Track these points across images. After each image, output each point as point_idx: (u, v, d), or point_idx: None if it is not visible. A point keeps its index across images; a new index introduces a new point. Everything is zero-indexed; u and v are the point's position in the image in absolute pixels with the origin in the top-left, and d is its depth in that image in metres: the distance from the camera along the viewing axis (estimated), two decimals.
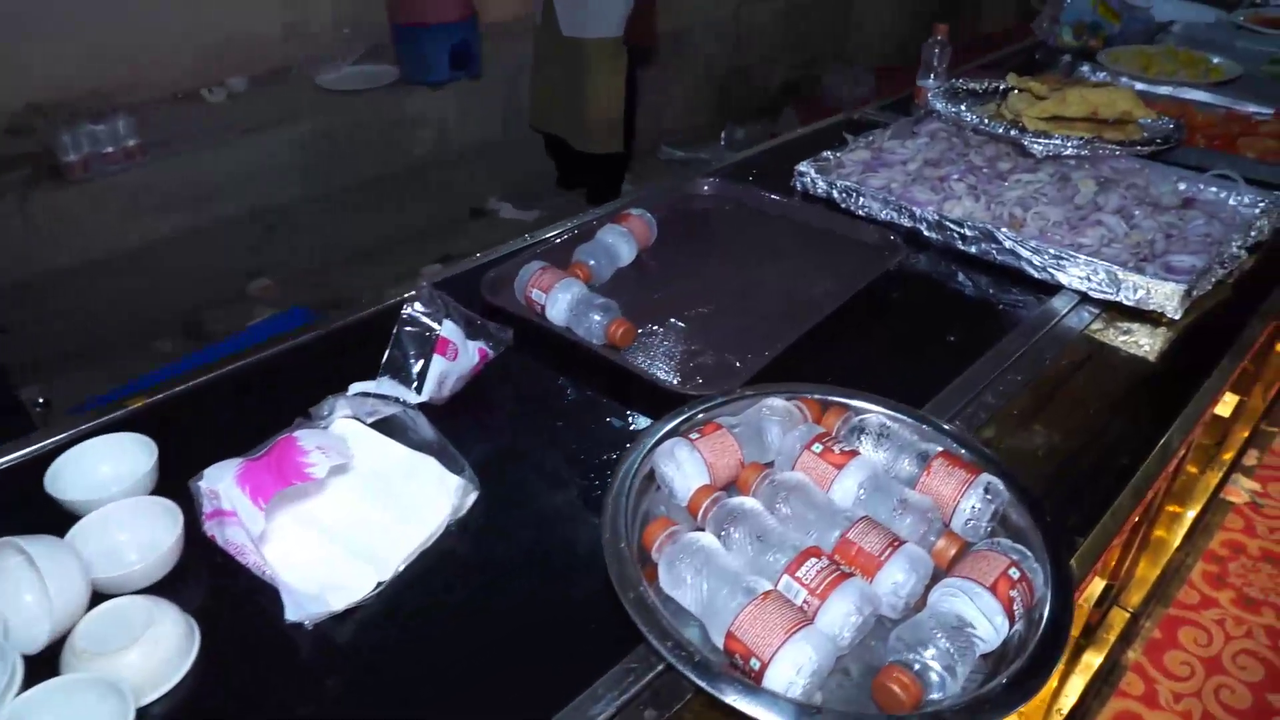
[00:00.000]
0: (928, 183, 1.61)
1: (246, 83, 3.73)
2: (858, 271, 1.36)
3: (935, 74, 2.01)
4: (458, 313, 1.06)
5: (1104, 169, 1.68)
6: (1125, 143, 1.64)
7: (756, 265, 1.42)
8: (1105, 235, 1.43)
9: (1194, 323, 1.32)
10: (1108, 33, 2.52)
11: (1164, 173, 1.65)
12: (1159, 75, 2.17)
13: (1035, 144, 1.64)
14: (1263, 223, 1.46)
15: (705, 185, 1.64)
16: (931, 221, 1.47)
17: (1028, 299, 1.37)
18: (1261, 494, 2.62)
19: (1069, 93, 1.73)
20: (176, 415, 1.09)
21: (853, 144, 1.76)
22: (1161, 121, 1.77)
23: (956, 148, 1.76)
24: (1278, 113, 2.00)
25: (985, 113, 1.89)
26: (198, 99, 3.54)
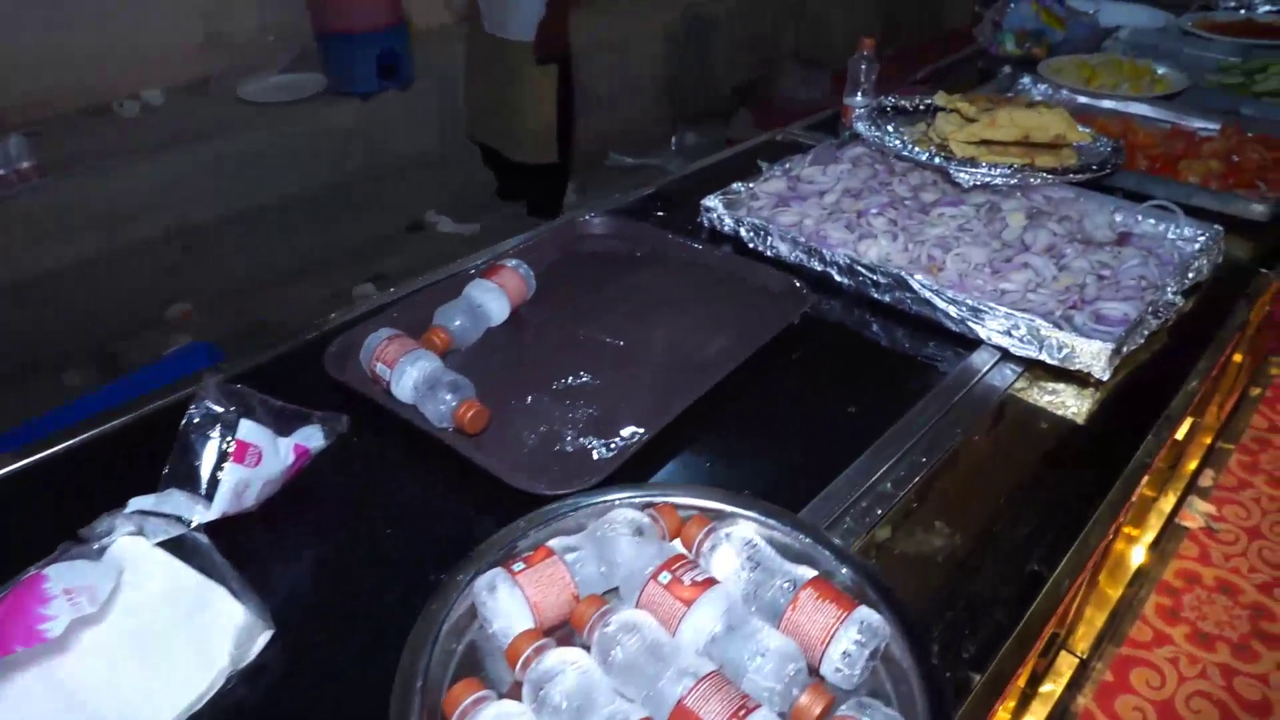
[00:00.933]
0: (845, 218, 1.47)
1: (163, 95, 3.54)
2: (758, 326, 1.22)
3: (863, 91, 1.87)
4: (264, 408, 0.91)
5: (1037, 199, 1.55)
6: (1058, 170, 1.51)
7: (646, 320, 1.27)
8: (1032, 279, 1.30)
9: (1126, 381, 1.19)
10: (1051, 40, 2.40)
11: (1100, 203, 1.52)
12: (1101, 88, 2.05)
13: (961, 173, 1.50)
14: (1201, 262, 1.34)
15: (598, 224, 1.49)
16: (843, 265, 1.33)
17: (947, 354, 1.24)
18: (1217, 517, 2.52)
19: (999, 115, 1.60)
20: None
21: (768, 172, 1.62)
22: (1098, 144, 1.64)
23: (880, 176, 1.62)
24: (1224, 129, 1.88)
25: (914, 134, 1.76)
26: (108, 113, 3.35)
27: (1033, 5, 2.39)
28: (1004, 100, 1.74)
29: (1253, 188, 1.61)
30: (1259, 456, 2.74)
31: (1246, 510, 2.55)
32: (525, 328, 1.25)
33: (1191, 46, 2.46)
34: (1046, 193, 1.56)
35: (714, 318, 1.28)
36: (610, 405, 1.09)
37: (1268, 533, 2.47)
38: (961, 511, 0.97)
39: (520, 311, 1.27)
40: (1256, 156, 1.71)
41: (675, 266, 1.40)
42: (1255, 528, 2.49)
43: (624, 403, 1.09)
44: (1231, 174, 1.65)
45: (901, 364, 1.22)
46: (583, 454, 0.99)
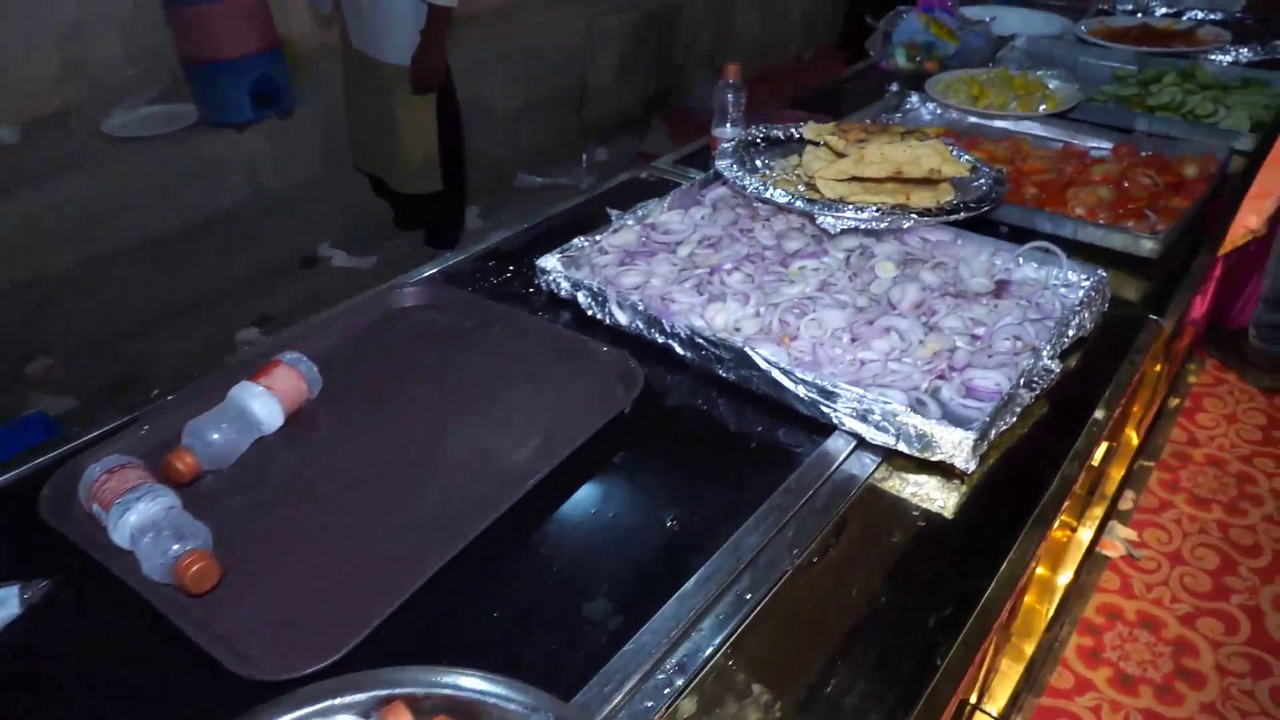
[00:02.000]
0: (696, 276, 1.31)
1: (18, 132, 3.27)
2: (582, 419, 1.05)
3: (732, 120, 1.72)
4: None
5: (912, 242, 1.40)
6: (933, 210, 1.37)
7: (452, 418, 1.09)
8: (896, 346, 1.14)
9: (999, 466, 1.04)
10: (942, 54, 2.27)
11: (978, 245, 1.38)
12: (989, 107, 1.92)
13: (825, 217, 1.35)
14: (1083, 316, 1.20)
15: (414, 295, 1.30)
16: (684, 338, 1.17)
17: (801, 441, 1.07)
18: (1138, 543, 2.42)
19: (868, 149, 1.45)
20: None
21: (617, 221, 1.45)
22: (979, 176, 1.50)
23: (742, 221, 1.46)
24: (1116, 148, 1.77)
25: (786, 169, 1.60)
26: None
27: (921, 17, 2.26)
28: (879, 129, 1.59)
29: (1142, 218, 1.48)
30: (1179, 474, 2.65)
31: (1168, 533, 2.46)
32: (302, 437, 1.06)
33: (1088, 55, 2.36)
34: (924, 234, 1.42)
35: (531, 411, 1.10)
36: (383, 545, 0.90)
37: (1189, 557, 2.38)
38: (786, 668, 0.80)
39: (303, 413, 1.08)
40: (1148, 182, 1.58)
41: (499, 345, 1.22)
42: (1176, 552, 2.39)
43: (401, 541, 0.91)
44: (1122, 203, 1.53)
45: (746, 459, 1.06)
46: (333, 619, 0.80)
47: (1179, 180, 1.61)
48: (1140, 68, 2.26)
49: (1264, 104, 1.95)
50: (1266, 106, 1.94)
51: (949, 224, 1.38)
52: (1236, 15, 2.65)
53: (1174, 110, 1.93)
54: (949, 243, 1.39)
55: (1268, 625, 2.16)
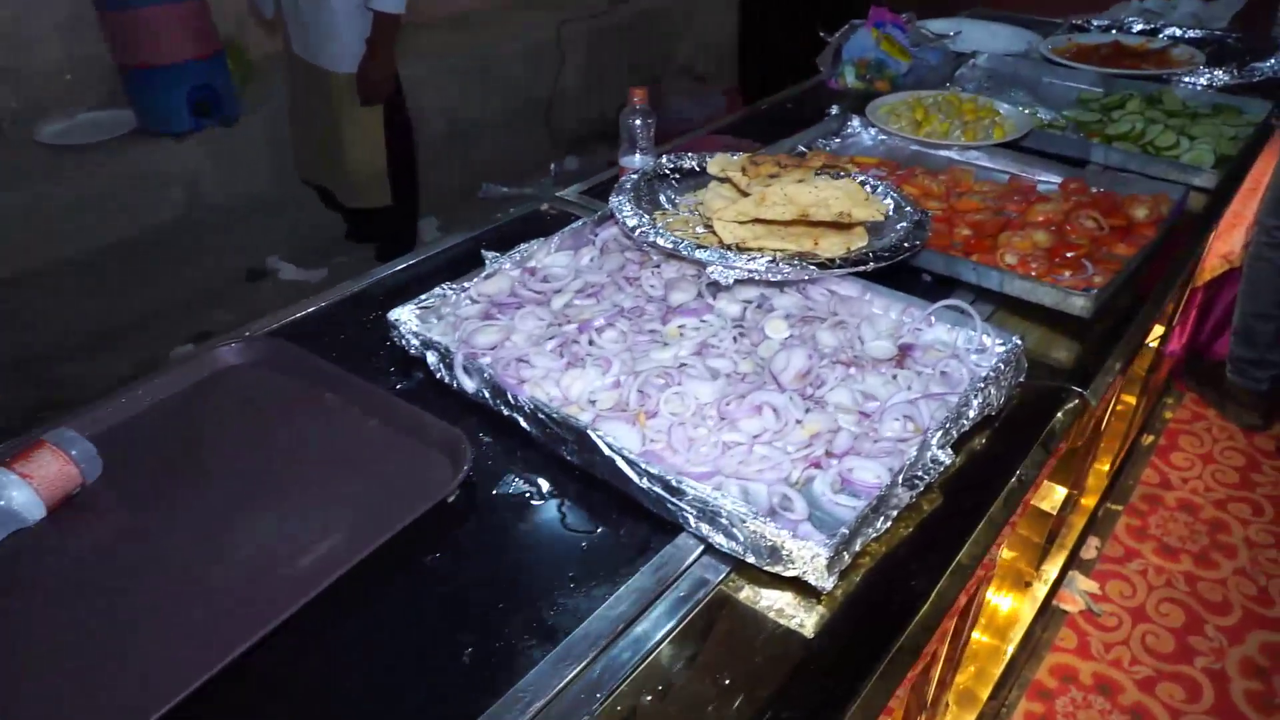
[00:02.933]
0: (564, 334, 1.16)
1: None
2: (396, 509, 0.91)
3: (641, 149, 1.57)
4: None
5: (817, 296, 1.26)
6: (838, 260, 1.22)
7: (244, 508, 0.95)
8: (769, 427, 1.00)
9: (870, 579, 0.89)
10: (894, 72, 2.12)
11: (887, 302, 1.23)
12: (930, 135, 1.77)
13: (714, 268, 1.20)
14: (989, 392, 1.05)
15: (243, 351, 1.16)
16: (528, 412, 1.02)
17: (650, 541, 0.93)
18: (1099, 597, 2.27)
19: (772, 189, 1.31)
20: None
21: (492, 265, 1.30)
22: (901, 219, 1.35)
23: (628, 268, 1.32)
24: (1064, 184, 1.62)
25: (692, 206, 1.46)
26: None
27: (872, 33, 2.11)
28: (794, 164, 1.44)
29: (1079, 269, 1.33)
30: (1148, 519, 2.50)
31: (1132, 586, 2.30)
32: (69, 529, 0.92)
33: (1052, 75, 2.21)
34: (831, 286, 1.27)
35: (343, 496, 0.96)
36: (132, 663, 0.76)
37: (1153, 613, 2.22)
38: None
39: (76, 500, 0.94)
40: (1091, 225, 1.43)
41: (325, 415, 1.08)
42: (1140, 608, 2.24)
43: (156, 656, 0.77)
44: (1059, 250, 1.38)
45: (581, 561, 0.91)
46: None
47: (1127, 223, 1.46)
48: (1106, 90, 2.10)
49: (1231, 135, 1.79)
50: (1234, 138, 1.79)
51: (856, 275, 1.23)
52: (1217, 33, 2.49)
53: (1133, 140, 1.78)
54: (856, 297, 1.24)
55: (1232, 693, 2.01)
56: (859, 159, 1.69)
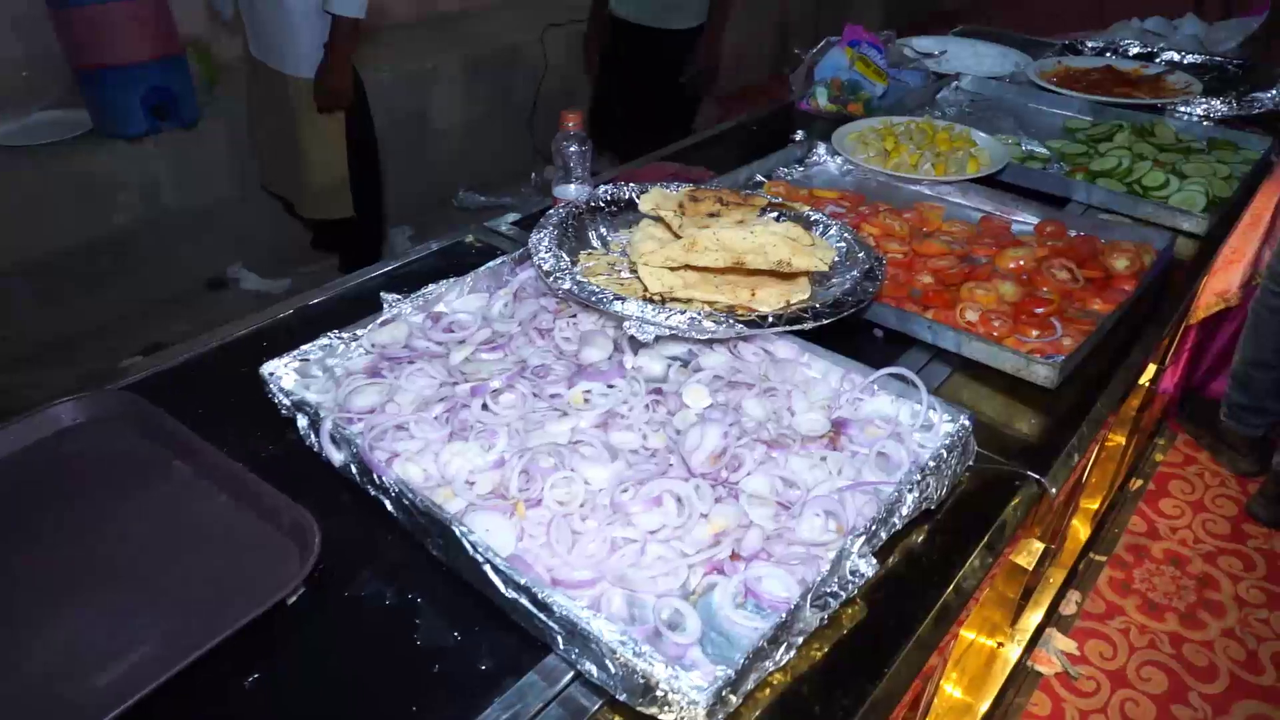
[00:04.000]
0: (455, 398, 1.03)
1: None
2: (224, 612, 0.77)
3: (576, 178, 1.43)
4: None
5: (749, 355, 1.12)
6: (770, 318, 1.08)
7: (43, 608, 0.81)
8: (669, 522, 0.86)
9: (771, 713, 0.76)
10: (870, 95, 1.98)
11: (827, 365, 1.09)
12: (898, 167, 1.63)
13: (631, 323, 1.06)
14: (930, 485, 0.91)
15: (91, 408, 1.02)
16: (393, 495, 0.88)
17: (516, 663, 0.79)
18: (1077, 658, 2.12)
19: (704, 234, 1.17)
20: None
21: (390, 309, 1.17)
22: (853, 265, 1.22)
23: (540, 318, 1.18)
24: (1040, 226, 1.48)
25: (621, 244, 1.33)
26: None
27: (846, 52, 1.98)
28: (739, 200, 1.31)
29: (1047, 328, 1.19)
30: (1133, 572, 2.36)
31: (1113, 647, 2.16)
32: None
33: (1038, 101, 2.07)
34: (766, 345, 1.13)
35: (171, 591, 0.83)
36: None
37: (1134, 678, 2.08)
38: None
39: None
40: (1065, 277, 1.29)
41: (166, 490, 0.94)
42: (1120, 671, 2.10)
43: None
44: (1028, 305, 1.24)
45: (426, 691, 0.77)
46: None
47: (1105, 275, 1.32)
48: (1095, 119, 1.97)
49: (1226, 174, 1.65)
50: (1229, 177, 1.65)
51: (794, 332, 1.10)
52: (1216, 59, 2.35)
53: (1119, 178, 1.64)
54: (791, 360, 1.11)
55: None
56: (819, 192, 1.55)
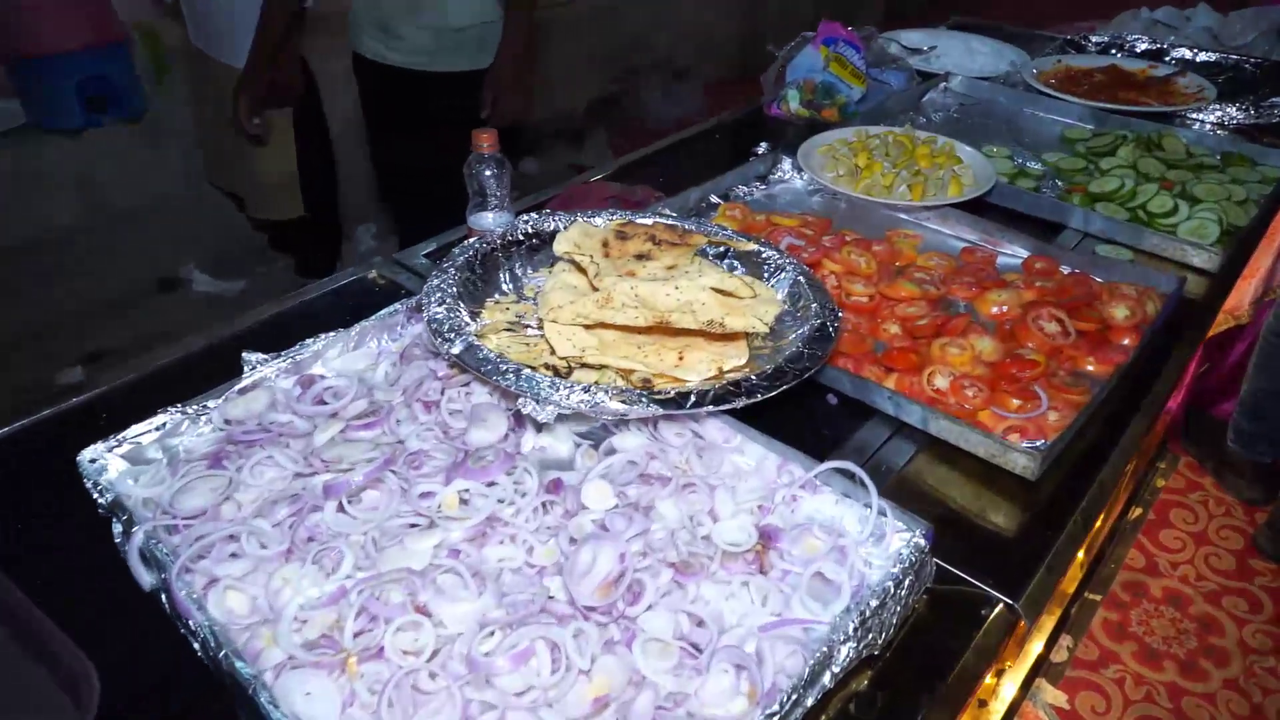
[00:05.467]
0: (306, 495, 0.85)
1: None
2: None
3: (494, 206, 1.24)
4: None
5: (671, 438, 0.94)
6: (693, 395, 0.89)
7: None
8: (540, 683, 0.68)
9: None
10: (847, 99, 1.78)
11: (762, 452, 0.91)
12: (873, 188, 1.44)
13: (524, 401, 0.88)
14: (874, 628, 0.73)
15: None
16: (203, 639, 0.71)
17: None
18: (1067, 713, 1.96)
19: (620, 286, 0.98)
20: None
21: (252, 372, 0.99)
22: (799, 323, 1.03)
23: (430, 384, 1.00)
24: (1029, 262, 1.29)
25: (537, 289, 1.14)
26: None
27: (821, 51, 1.78)
28: (674, 239, 1.12)
29: (1030, 399, 1.01)
30: (1130, 613, 2.18)
31: (1106, 700, 1.99)
32: None
33: (1035, 106, 1.87)
34: (694, 425, 0.95)
35: None
36: None
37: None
38: None
39: None
40: (1054, 330, 1.11)
41: None
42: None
43: None
44: (1007, 368, 1.05)
45: None
46: None
47: (1101, 326, 1.13)
48: (1097, 127, 1.77)
49: (1242, 197, 1.46)
50: (1245, 201, 1.46)
51: (727, 411, 0.91)
52: (1233, 58, 2.14)
53: (1121, 202, 1.44)
54: (720, 444, 0.92)
55: None
56: (778, 218, 1.36)
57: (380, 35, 2.16)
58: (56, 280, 2.99)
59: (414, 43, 2.13)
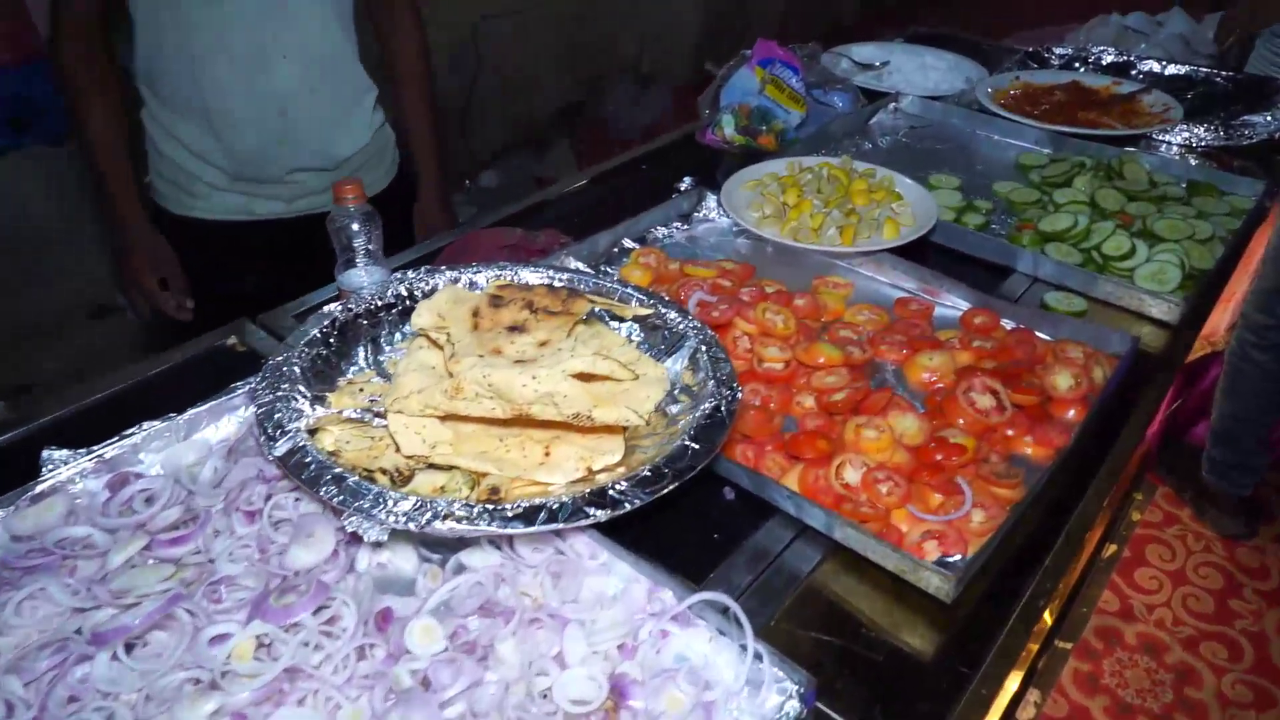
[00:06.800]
0: (85, 634, 0.71)
1: None
2: None
3: (364, 263, 1.10)
4: None
5: (524, 553, 0.80)
6: (543, 508, 0.75)
7: None
8: None
9: None
10: (784, 124, 1.65)
11: (631, 573, 0.78)
12: (799, 230, 1.30)
13: (350, 517, 0.74)
14: None
15: None
16: None
17: None
18: None
19: (471, 374, 0.85)
20: None
21: (51, 472, 0.85)
22: (695, 402, 0.90)
23: (254, 489, 0.86)
24: (967, 317, 1.16)
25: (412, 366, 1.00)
26: None
27: (756, 73, 1.64)
28: (559, 303, 0.99)
29: (953, 493, 0.87)
30: (1102, 663, 2.06)
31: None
32: None
33: (989, 129, 1.74)
34: (559, 544, 0.81)
35: None
36: None
37: None
38: None
39: None
40: (988, 405, 0.97)
41: None
42: None
43: None
44: (928, 455, 0.92)
45: None
46: None
47: (1042, 399, 1.00)
48: (1055, 151, 1.64)
49: (1207, 234, 1.33)
50: (1210, 239, 1.33)
51: (597, 522, 0.78)
52: (1202, 71, 2.01)
53: (1074, 242, 1.31)
54: (584, 562, 0.79)
55: None
56: (693, 269, 1.23)
57: (243, 186, 1.52)
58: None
59: (304, 186, 1.55)
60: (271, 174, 1.51)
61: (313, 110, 1.48)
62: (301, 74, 1.44)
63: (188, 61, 1.39)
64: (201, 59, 1.39)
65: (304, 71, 1.45)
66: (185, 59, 1.39)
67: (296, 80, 1.44)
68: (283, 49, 1.41)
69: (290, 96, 1.45)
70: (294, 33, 1.42)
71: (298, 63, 1.43)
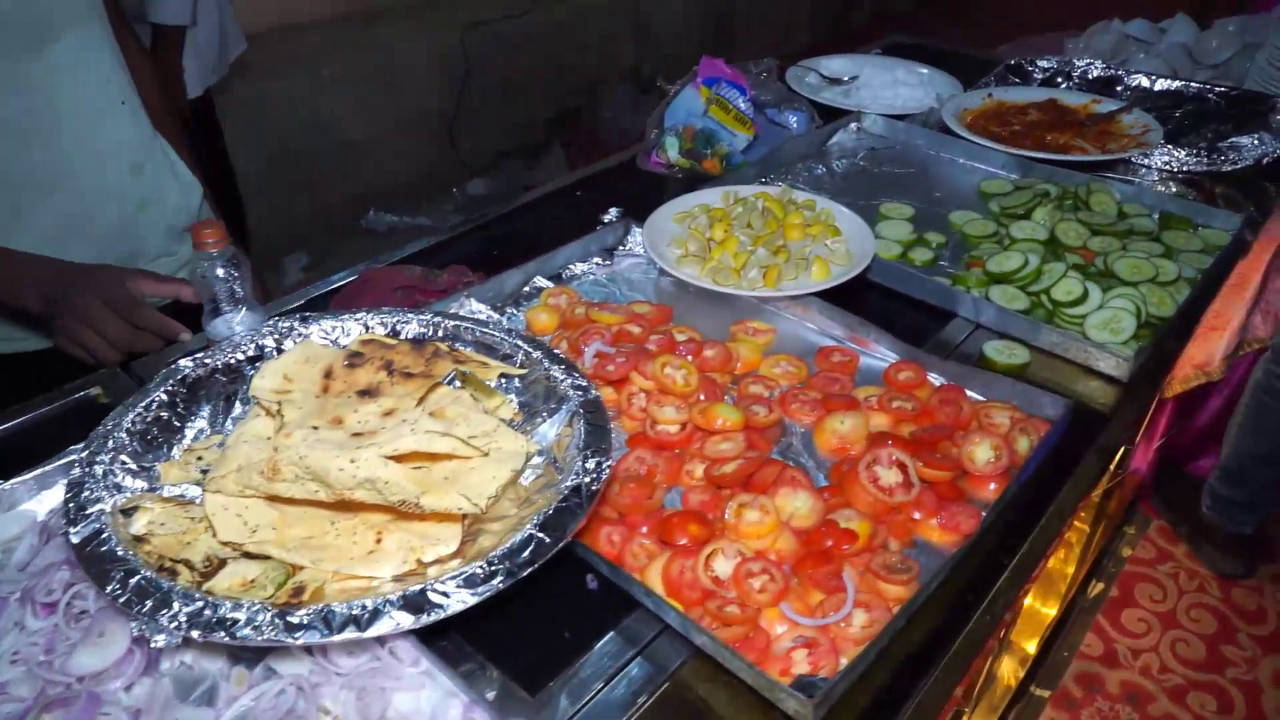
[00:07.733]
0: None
1: None
2: None
3: (227, 312, 1.02)
4: None
5: (338, 659, 0.72)
6: (360, 614, 0.67)
7: None
8: None
9: None
10: (729, 149, 1.55)
11: (449, 692, 0.69)
12: (720, 269, 1.20)
13: (137, 620, 0.66)
14: None
15: None
16: None
17: None
18: None
19: (287, 454, 0.76)
20: None
21: None
22: (563, 477, 0.81)
23: (56, 576, 0.78)
24: (892, 373, 1.06)
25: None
26: None
27: (701, 93, 1.55)
28: (421, 363, 0.90)
29: (835, 592, 0.78)
30: (1080, 714, 1.94)
31: None
32: None
33: (954, 151, 1.63)
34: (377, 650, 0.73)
35: None
36: None
37: None
38: None
39: None
40: (893, 482, 0.87)
41: None
42: None
43: None
44: (816, 540, 0.82)
45: None
46: None
47: (956, 474, 0.90)
48: (1021, 175, 1.53)
49: (1173, 276, 1.22)
50: (1176, 280, 1.21)
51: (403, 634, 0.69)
52: (1194, 86, 1.88)
53: (1023, 285, 1.21)
54: (402, 669, 0.70)
55: None
56: (599, 314, 1.13)
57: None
58: None
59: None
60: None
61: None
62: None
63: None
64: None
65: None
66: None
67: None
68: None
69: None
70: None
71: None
